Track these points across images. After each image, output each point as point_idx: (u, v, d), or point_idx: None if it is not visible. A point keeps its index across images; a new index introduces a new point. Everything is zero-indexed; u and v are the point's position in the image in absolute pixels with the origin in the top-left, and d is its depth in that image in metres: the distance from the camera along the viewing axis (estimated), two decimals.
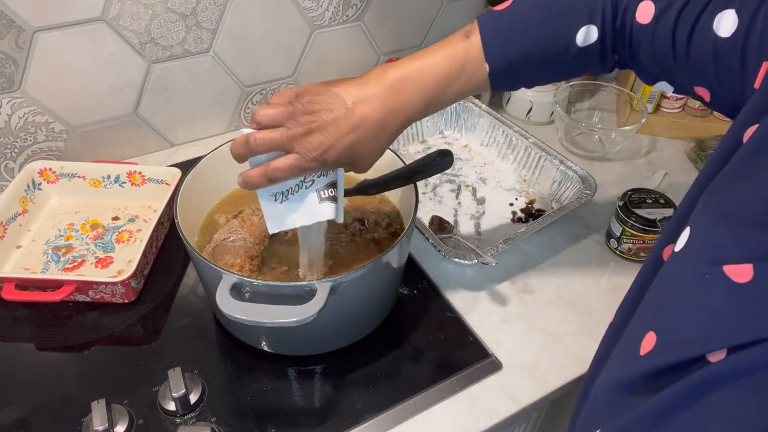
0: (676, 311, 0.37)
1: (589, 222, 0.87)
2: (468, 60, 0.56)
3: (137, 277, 0.72)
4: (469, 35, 0.56)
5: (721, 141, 0.42)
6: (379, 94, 0.55)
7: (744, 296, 0.33)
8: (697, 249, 0.38)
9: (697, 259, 0.37)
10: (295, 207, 0.58)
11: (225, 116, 1.02)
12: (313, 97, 0.53)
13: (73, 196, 0.86)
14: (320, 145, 0.53)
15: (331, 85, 0.55)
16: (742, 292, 0.33)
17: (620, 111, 1.08)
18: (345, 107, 0.54)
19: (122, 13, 0.82)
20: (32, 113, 0.85)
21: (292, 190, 0.57)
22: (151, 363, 0.66)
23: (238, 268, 0.66)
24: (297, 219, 0.58)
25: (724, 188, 0.39)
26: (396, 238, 0.63)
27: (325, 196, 0.57)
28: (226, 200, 0.76)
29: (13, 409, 0.62)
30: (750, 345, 0.31)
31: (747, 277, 0.33)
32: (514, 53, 0.55)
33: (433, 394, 0.64)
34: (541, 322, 0.73)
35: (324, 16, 0.99)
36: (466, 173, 0.96)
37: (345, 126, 0.53)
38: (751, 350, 0.31)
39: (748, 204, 0.35)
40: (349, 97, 0.54)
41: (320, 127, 0.53)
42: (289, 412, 0.62)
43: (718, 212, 0.37)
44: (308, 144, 0.53)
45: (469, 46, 0.56)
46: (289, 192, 0.57)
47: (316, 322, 0.53)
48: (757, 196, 0.35)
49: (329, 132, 0.53)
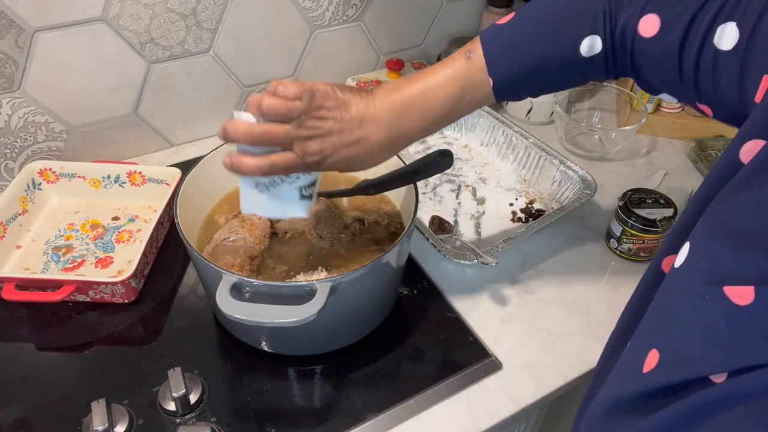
0: (677, 330, 0.37)
1: (589, 222, 0.87)
2: (470, 80, 0.56)
3: (137, 277, 0.72)
4: (470, 54, 0.56)
5: (723, 152, 0.41)
6: (385, 117, 0.55)
7: (744, 319, 0.32)
8: (697, 266, 0.37)
9: (697, 277, 0.37)
10: (273, 198, 0.58)
11: (225, 116, 1.02)
12: (324, 103, 0.53)
13: (73, 196, 0.86)
14: (320, 152, 0.54)
15: (341, 91, 0.54)
16: (742, 315, 0.32)
17: (620, 111, 1.08)
18: (351, 121, 0.54)
19: (122, 13, 0.82)
20: (32, 113, 0.85)
21: (274, 182, 0.57)
22: (151, 363, 0.66)
23: (238, 268, 0.66)
24: (272, 210, 0.59)
25: (725, 206, 0.38)
26: (396, 238, 0.63)
27: (305, 194, 0.58)
28: (226, 200, 0.76)
29: (13, 409, 0.62)
30: (751, 369, 0.31)
31: (748, 299, 0.32)
32: (517, 67, 0.55)
33: (433, 394, 0.64)
34: (541, 322, 0.73)
35: (324, 16, 0.99)
36: (466, 173, 0.96)
37: (348, 139, 0.54)
38: (753, 374, 0.31)
39: (750, 223, 0.35)
40: (358, 112, 0.54)
41: (324, 135, 0.53)
42: (289, 412, 0.62)
43: (719, 230, 0.37)
44: (308, 148, 0.53)
45: (471, 66, 0.56)
46: (270, 184, 0.57)
47: (316, 322, 0.53)
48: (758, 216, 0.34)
49: (331, 142, 0.54)
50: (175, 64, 0.91)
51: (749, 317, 0.32)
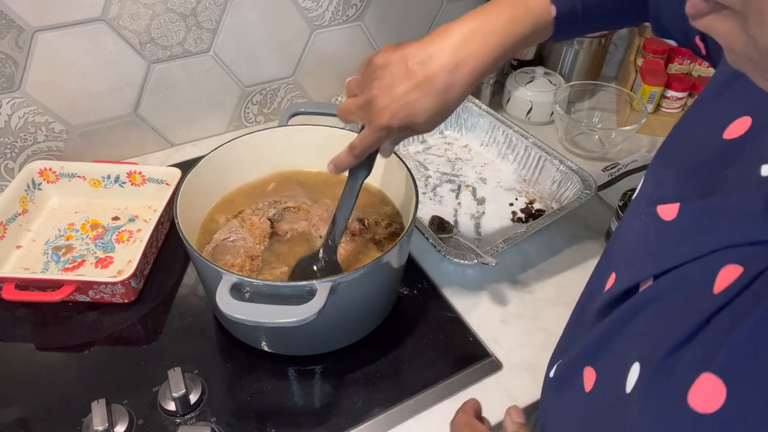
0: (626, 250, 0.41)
1: (589, 222, 0.87)
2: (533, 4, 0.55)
3: (137, 277, 0.72)
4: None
5: None
6: (443, 51, 0.53)
7: (668, 231, 0.36)
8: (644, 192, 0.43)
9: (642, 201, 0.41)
10: None
11: (225, 116, 1.02)
12: (379, 62, 0.54)
13: (73, 196, 0.86)
14: (381, 111, 0.54)
15: (398, 48, 0.54)
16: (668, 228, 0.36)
17: (620, 111, 1.08)
18: (406, 69, 0.53)
19: (122, 13, 0.82)
20: (32, 113, 0.85)
21: None
22: (151, 363, 0.66)
23: (238, 268, 0.66)
24: None
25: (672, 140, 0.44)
26: (396, 238, 0.63)
27: None
28: (226, 200, 0.76)
29: (13, 409, 0.62)
30: (671, 270, 0.34)
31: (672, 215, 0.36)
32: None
33: (433, 394, 0.64)
34: (541, 322, 0.73)
35: (324, 16, 0.99)
36: (466, 173, 0.96)
37: (404, 88, 0.53)
38: (668, 275, 0.34)
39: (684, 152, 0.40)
40: (412, 58, 0.53)
41: (381, 91, 0.53)
42: (289, 412, 0.62)
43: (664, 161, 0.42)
44: (373, 111, 0.54)
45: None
46: None
47: (316, 322, 0.53)
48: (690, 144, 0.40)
49: (389, 95, 0.53)
50: (175, 64, 0.91)
51: (672, 229, 0.36)
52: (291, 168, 0.81)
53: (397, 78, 0.53)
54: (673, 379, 0.30)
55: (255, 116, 1.05)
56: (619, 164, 0.98)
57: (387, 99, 0.53)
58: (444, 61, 0.53)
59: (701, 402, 0.28)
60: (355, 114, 0.57)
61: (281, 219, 0.74)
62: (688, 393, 0.28)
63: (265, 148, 0.77)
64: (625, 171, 0.96)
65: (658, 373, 0.31)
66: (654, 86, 1.02)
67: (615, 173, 0.96)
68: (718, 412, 0.27)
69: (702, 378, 0.28)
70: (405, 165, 0.70)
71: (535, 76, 1.08)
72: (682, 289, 0.33)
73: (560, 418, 0.42)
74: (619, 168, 0.97)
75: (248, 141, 0.75)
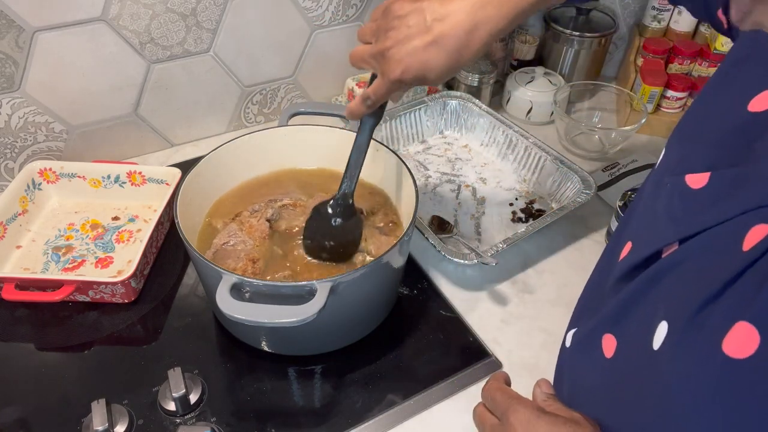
0: (643, 218, 0.42)
1: (589, 222, 0.87)
2: None
3: (137, 277, 0.72)
4: None
5: None
6: (461, 10, 0.53)
7: (695, 197, 0.37)
8: (666, 164, 0.43)
9: (665, 172, 0.42)
10: None
11: (225, 116, 1.02)
12: (396, 11, 0.54)
13: (73, 196, 0.86)
14: (397, 64, 0.53)
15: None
16: (696, 195, 0.37)
17: (620, 111, 1.08)
18: (424, 23, 0.53)
19: (122, 13, 0.82)
20: (32, 113, 0.85)
21: None
22: (151, 363, 0.66)
23: (240, 272, 0.66)
24: None
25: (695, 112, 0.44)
26: (395, 228, 0.63)
27: None
28: (226, 200, 0.76)
29: (13, 409, 0.62)
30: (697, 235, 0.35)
31: (702, 183, 0.37)
32: None
33: (433, 394, 0.64)
34: (541, 322, 0.73)
35: (324, 16, 0.99)
36: (466, 173, 0.96)
37: (420, 43, 0.53)
38: (694, 239, 0.35)
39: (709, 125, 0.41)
40: (431, 13, 0.53)
41: (396, 43, 0.53)
42: (289, 412, 0.62)
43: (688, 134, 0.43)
44: (386, 62, 0.54)
45: None
46: None
47: (316, 322, 0.53)
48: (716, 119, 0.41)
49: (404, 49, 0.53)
50: (175, 64, 0.91)
51: (701, 196, 0.36)
52: (291, 168, 0.81)
53: (414, 31, 0.53)
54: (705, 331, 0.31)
55: (255, 116, 1.05)
56: (619, 164, 0.98)
57: (401, 52, 0.53)
58: (461, 21, 0.52)
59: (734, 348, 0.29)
60: (368, 62, 0.57)
61: (279, 218, 0.73)
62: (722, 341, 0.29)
63: (265, 148, 0.77)
64: (625, 171, 0.97)
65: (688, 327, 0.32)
66: (654, 86, 1.03)
67: (615, 173, 0.96)
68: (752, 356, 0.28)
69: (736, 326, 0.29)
70: (405, 165, 0.70)
71: (535, 76, 1.08)
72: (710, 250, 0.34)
73: (582, 383, 0.43)
74: (619, 168, 0.97)
75: (248, 141, 0.75)
